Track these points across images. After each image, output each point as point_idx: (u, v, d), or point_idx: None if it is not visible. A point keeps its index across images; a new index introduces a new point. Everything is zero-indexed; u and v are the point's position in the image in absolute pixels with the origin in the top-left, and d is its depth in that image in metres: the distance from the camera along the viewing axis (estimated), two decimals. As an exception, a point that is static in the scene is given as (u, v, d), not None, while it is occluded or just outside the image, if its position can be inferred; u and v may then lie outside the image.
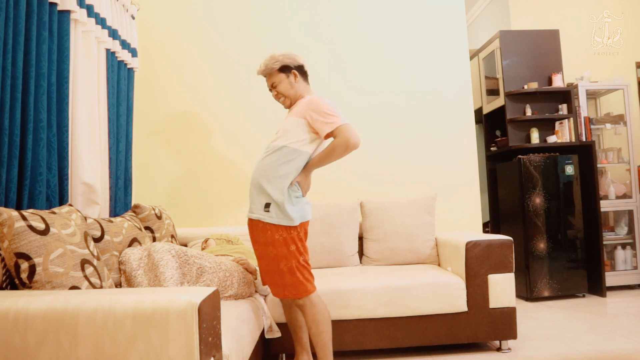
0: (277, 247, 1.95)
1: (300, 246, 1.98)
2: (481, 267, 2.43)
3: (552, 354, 2.40)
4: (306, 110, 2.01)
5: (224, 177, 3.35)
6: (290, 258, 1.95)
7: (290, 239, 1.96)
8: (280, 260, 1.96)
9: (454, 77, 3.52)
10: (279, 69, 2.12)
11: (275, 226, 1.95)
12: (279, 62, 2.12)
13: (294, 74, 2.12)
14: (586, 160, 3.84)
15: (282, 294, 2.02)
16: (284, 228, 1.95)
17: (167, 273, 1.89)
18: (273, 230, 1.95)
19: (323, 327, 1.99)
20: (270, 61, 2.13)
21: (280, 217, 1.95)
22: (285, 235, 1.95)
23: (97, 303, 1.19)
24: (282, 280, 1.97)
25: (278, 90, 2.15)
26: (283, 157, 1.99)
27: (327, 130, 1.96)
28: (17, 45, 1.77)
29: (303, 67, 2.16)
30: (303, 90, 2.15)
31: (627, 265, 3.96)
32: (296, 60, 2.14)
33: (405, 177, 3.43)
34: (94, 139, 2.31)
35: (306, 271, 1.99)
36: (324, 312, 2.01)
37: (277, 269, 1.97)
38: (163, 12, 3.40)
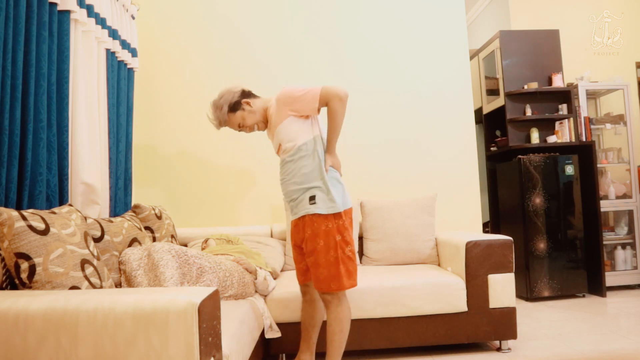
0: (326, 237, 1.93)
1: (346, 235, 1.96)
2: (481, 267, 2.43)
3: (552, 354, 2.40)
4: (282, 110, 1.99)
5: (224, 177, 3.35)
6: (337, 248, 1.93)
7: (337, 229, 1.94)
8: (328, 251, 1.93)
9: (454, 77, 3.52)
10: (230, 111, 2.09)
11: (321, 217, 1.93)
12: (225, 106, 2.08)
13: (245, 103, 2.09)
14: (586, 160, 3.84)
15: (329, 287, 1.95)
16: (330, 217, 1.94)
17: (167, 273, 1.89)
18: (319, 222, 1.94)
19: (343, 326, 1.98)
20: (217, 112, 2.10)
21: (327, 205, 1.94)
22: (332, 225, 1.93)
23: (97, 303, 1.19)
24: (328, 271, 1.93)
25: (247, 125, 2.12)
26: (299, 158, 1.98)
27: (315, 105, 1.94)
28: (17, 45, 1.77)
29: (244, 91, 2.12)
30: (262, 105, 2.12)
31: (627, 265, 3.96)
32: (235, 92, 2.10)
33: (405, 177, 3.43)
34: (94, 139, 2.31)
35: (351, 263, 1.98)
36: (348, 312, 2.00)
37: (325, 260, 1.93)
38: (163, 12, 3.40)
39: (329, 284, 1.95)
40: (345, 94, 1.93)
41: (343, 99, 1.93)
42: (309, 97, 1.93)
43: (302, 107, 1.96)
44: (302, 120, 1.99)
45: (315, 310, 2.17)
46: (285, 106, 1.98)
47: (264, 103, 2.13)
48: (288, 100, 1.97)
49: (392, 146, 3.44)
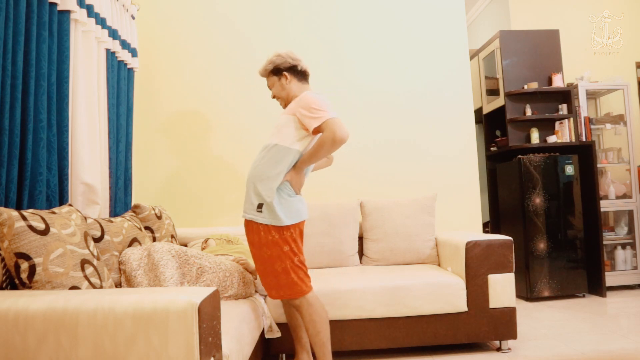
0: (271, 248, 1.95)
1: (294, 246, 1.97)
2: (481, 267, 2.43)
3: (552, 354, 2.40)
4: (296, 107, 2.01)
5: (224, 177, 3.35)
6: (285, 259, 1.95)
7: (283, 240, 1.95)
8: (274, 261, 1.95)
9: (454, 77, 3.52)
10: (271, 71, 2.16)
11: (268, 227, 1.95)
12: (271, 64, 2.15)
13: (284, 76, 2.13)
14: (586, 160, 3.84)
15: (277, 294, 2.01)
16: (277, 229, 1.95)
17: (167, 273, 1.89)
18: (266, 231, 1.95)
19: (320, 327, 1.98)
20: (266, 64, 2.18)
21: (272, 217, 1.94)
22: (278, 237, 1.94)
23: (97, 303, 1.19)
24: (277, 281, 1.97)
25: (272, 92, 2.20)
26: (274, 157, 1.99)
27: (314, 124, 1.94)
28: (17, 45, 1.77)
29: (296, 67, 2.14)
30: (297, 90, 2.14)
31: (627, 265, 3.96)
32: (289, 61, 2.13)
33: (405, 177, 3.43)
34: (94, 139, 2.31)
35: (301, 271, 1.99)
36: (321, 312, 2.00)
37: (272, 270, 1.96)
38: (163, 12, 3.40)
39: (280, 292, 1.98)
40: (341, 138, 1.92)
41: (336, 141, 1.92)
42: (317, 115, 1.94)
43: (305, 117, 1.97)
44: (301, 130, 2.01)
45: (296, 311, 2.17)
46: (298, 106, 2.00)
47: (298, 90, 2.15)
48: (303, 103, 1.99)
49: (392, 146, 3.44)
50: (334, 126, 1.92)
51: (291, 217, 1.98)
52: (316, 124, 1.94)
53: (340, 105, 3.18)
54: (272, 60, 2.16)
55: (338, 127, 1.92)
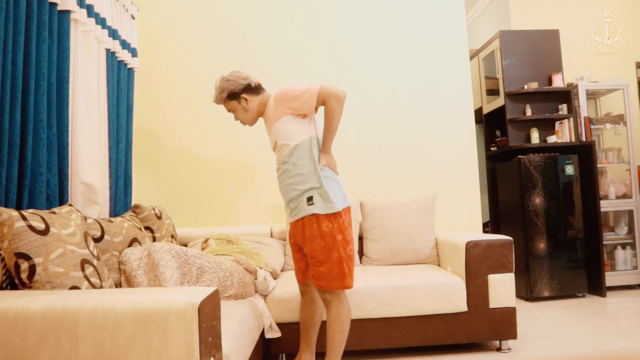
0: (325, 238, 1.93)
1: (346, 234, 1.97)
2: (481, 267, 2.43)
3: (552, 354, 2.40)
4: (279, 107, 1.98)
5: (224, 177, 3.35)
6: (338, 247, 1.94)
7: (337, 228, 1.94)
8: (330, 251, 1.94)
9: (453, 76, 3.52)
10: (227, 98, 2.10)
11: (320, 217, 1.93)
12: (225, 92, 2.09)
13: (243, 98, 2.08)
14: (586, 160, 3.84)
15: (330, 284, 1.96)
16: (328, 218, 1.94)
17: (167, 273, 1.88)
18: (319, 222, 1.94)
19: (343, 326, 1.99)
20: (217, 92, 2.11)
21: (325, 204, 1.94)
22: (332, 226, 1.94)
23: (97, 303, 1.19)
24: (330, 271, 1.94)
25: (236, 116, 2.15)
26: (299, 155, 1.97)
27: (312, 104, 1.93)
28: (17, 45, 1.77)
29: (250, 85, 2.09)
30: (260, 103, 2.11)
31: (627, 265, 3.95)
32: (241, 82, 2.07)
33: (405, 177, 3.43)
34: (94, 139, 2.31)
35: (351, 262, 1.99)
36: (348, 312, 2.01)
37: (327, 260, 1.94)
38: (163, 12, 3.40)
39: (331, 282, 1.96)
40: (343, 94, 1.93)
41: (341, 98, 1.92)
42: (307, 95, 1.93)
43: (299, 106, 1.95)
44: (299, 119, 1.99)
45: (315, 310, 2.17)
46: (283, 104, 1.97)
47: (261, 100, 2.11)
48: (286, 98, 1.96)
49: (392, 146, 3.44)
50: (329, 90, 1.91)
51: (343, 200, 1.99)
52: (314, 101, 1.93)
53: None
54: (222, 87, 2.09)
55: (332, 88, 1.91)
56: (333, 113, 1.94)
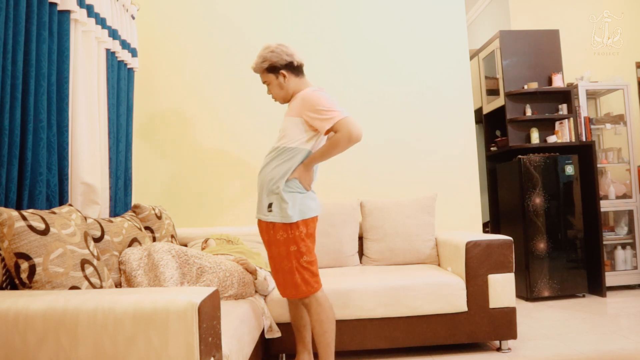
0: (279, 247, 1.96)
1: (301, 246, 1.95)
2: (481, 267, 2.43)
3: (552, 354, 2.40)
4: (301, 109, 1.97)
5: (224, 177, 3.35)
6: (291, 258, 1.95)
7: (291, 239, 1.94)
8: (282, 260, 1.96)
9: (453, 77, 3.52)
10: (267, 69, 2.08)
11: (276, 226, 1.95)
12: (266, 62, 2.06)
13: (282, 74, 2.05)
14: (586, 160, 3.84)
15: (285, 293, 2.04)
16: (284, 227, 1.95)
17: (167, 273, 1.89)
18: (275, 230, 1.96)
19: (327, 326, 1.98)
20: (259, 60, 2.09)
21: (281, 214, 1.95)
22: (286, 236, 1.94)
23: (97, 303, 1.19)
24: (284, 279, 1.99)
25: (269, 90, 2.14)
26: (283, 158, 1.99)
27: (327, 126, 1.92)
28: (17, 45, 1.77)
29: (293, 63, 2.06)
30: (295, 87, 2.08)
31: (627, 265, 3.95)
32: (284, 58, 2.04)
33: (405, 177, 3.43)
34: (94, 139, 2.31)
35: (307, 272, 1.97)
36: (329, 312, 2.01)
37: (280, 268, 1.98)
38: (163, 12, 3.40)
39: (285, 290, 2.01)
40: (357, 137, 1.90)
41: (352, 138, 1.90)
42: (327, 117, 1.91)
43: (315, 120, 1.94)
44: (309, 131, 1.98)
45: (302, 311, 2.18)
46: (305, 109, 1.96)
47: (297, 86, 2.08)
48: (309, 106, 1.95)
49: (392, 146, 3.44)
50: (349, 126, 1.89)
51: (300, 213, 1.96)
52: (328, 125, 1.91)
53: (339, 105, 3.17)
54: (265, 56, 2.06)
55: (353, 126, 1.89)
56: (337, 145, 1.93)
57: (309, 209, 2.00)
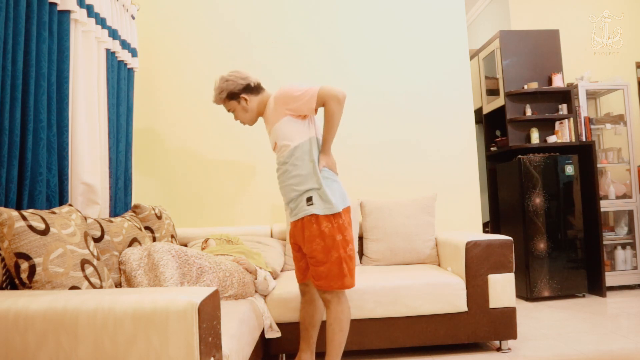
0: (325, 238, 1.94)
1: (346, 234, 1.97)
2: (481, 267, 2.43)
3: (552, 354, 2.40)
4: (280, 109, 1.98)
5: (224, 177, 3.35)
6: (338, 248, 1.94)
7: (336, 229, 1.94)
8: (329, 251, 1.94)
9: (454, 77, 3.52)
10: (227, 98, 2.11)
11: (319, 218, 1.94)
12: (224, 92, 2.09)
13: (243, 99, 2.09)
14: (586, 160, 3.84)
15: (329, 285, 1.96)
16: (328, 218, 1.94)
17: (167, 273, 1.88)
18: (318, 222, 1.94)
19: (343, 326, 1.99)
20: (216, 92, 2.12)
21: (325, 205, 1.94)
22: (331, 226, 1.94)
23: (97, 303, 1.19)
24: (329, 271, 1.95)
25: (236, 116, 2.15)
26: (299, 156, 1.98)
27: (312, 105, 1.93)
28: (17, 45, 1.77)
29: (250, 85, 2.09)
30: (259, 104, 2.11)
31: (627, 265, 3.95)
32: (240, 82, 2.08)
33: (405, 177, 3.43)
34: (94, 139, 2.31)
35: (352, 262, 1.99)
36: (348, 312, 2.01)
37: (327, 260, 1.94)
38: (163, 12, 3.40)
39: (330, 282, 1.96)
40: (343, 95, 1.93)
41: (341, 99, 1.92)
42: (307, 97, 1.93)
43: (299, 107, 1.95)
44: (299, 120, 1.99)
45: (315, 310, 2.17)
46: (283, 105, 1.97)
47: (261, 100, 2.11)
48: (286, 99, 1.96)
49: (392, 146, 3.44)
50: (330, 91, 1.91)
51: (343, 201, 1.99)
52: (313, 102, 1.93)
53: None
54: (222, 87, 2.09)
55: (333, 89, 1.92)
56: (333, 114, 1.94)
57: (345, 196, 2.03)
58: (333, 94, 1.91)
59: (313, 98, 1.92)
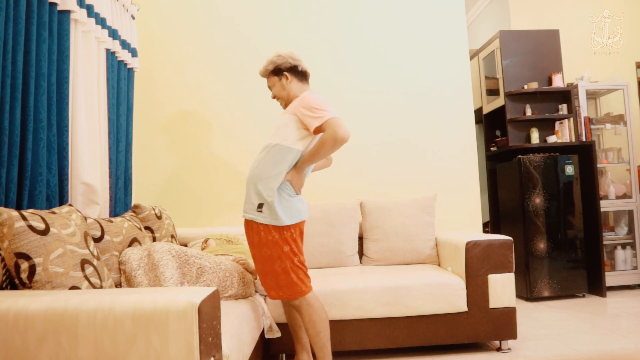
0: (271, 248, 1.95)
1: (294, 247, 1.97)
2: (481, 267, 2.43)
3: (552, 354, 2.40)
4: (297, 107, 2.02)
5: (224, 177, 3.35)
6: (285, 259, 1.95)
7: (283, 240, 1.95)
8: (274, 262, 1.95)
9: (454, 77, 3.52)
10: (272, 72, 2.16)
11: (268, 227, 1.95)
12: (272, 64, 2.16)
13: (285, 76, 2.13)
14: (586, 160, 3.84)
15: (277, 295, 2.01)
16: (277, 229, 1.95)
17: (167, 273, 1.89)
18: (266, 231, 1.95)
19: (320, 327, 1.98)
20: (266, 63, 2.18)
21: (272, 217, 1.95)
22: (278, 236, 1.95)
23: (97, 303, 1.19)
24: (276, 281, 1.97)
25: (272, 92, 2.20)
26: (275, 156, 1.99)
27: (315, 124, 1.94)
28: (17, 45, 1.77)
29: (297, 67, 2.14)
30: (297, 90, 2.15)
31: (627, 265, 3.95)
32: (289, 61, 2.14)
33: (405, 177, 3.43)
34: (94, 139, 2.31)
35: (301, 272, 1.98)
36: (321, 312, 2.00)
37: (272, 270, 1.96)
38: (163, 12, 3.40)
39: (280, 292, 1.98)
40: (342, 138, 1.91)
41: (338, 140, 1.91)
42: (318, 115, 1.94)
43: (306, 117, 1.97)
44: (302, 129, 2.01)
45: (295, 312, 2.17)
46: (299, 105, 2.01)
47: (299, 90, 2.15)
48: (304, 103, 2.00)
49: (392, 146, 3.44)
50: (335, 126, 1.91)
51: (291, 217, 1.98)
52: (317, 123, 1.94)
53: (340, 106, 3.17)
54: (273, 60, 2.16)
55: (339, 127, 1.91)
56: (323, 145, 1.94)
57: (299, 212, 2.02)
58: (335, 129, 1.91)
59: (320, 120, 1.94)
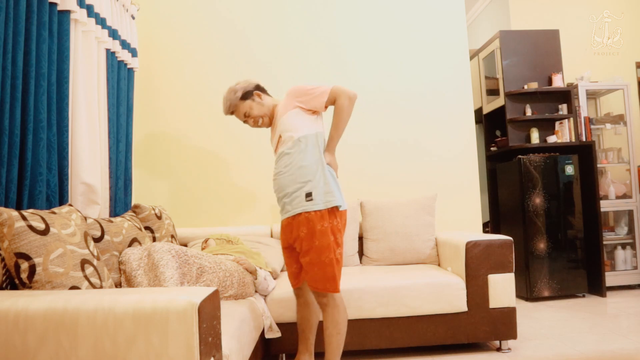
0: (322, 238, 1.92)
1: (338, 237, 1.97)
2: (481, 267, 2.43)
3: (552, 354, 2.40)
4: (291, 101, 2.01)
5: (224, 177, 3.35)
6: (331, 249, 1.93)
7: (331, 229, 1.94)
8: (323, 251, 1.92)
9: (454, 77, 3.52)
10: (241, 98, 2.11)
11: (317, 216, 1.92)
12: (239, 91, 2.11)
13: (256, 94, 2.12)
14: (586, 160, 3.84)
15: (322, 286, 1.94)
16: (325, 217, 1.92)
17: (167, 273, 1.88)
18: (315, 221, 1.92)
19: (340, 328, 1.98)
20: (230, 95, 2.12)
21: (324, 198, 1.93)
22: (327, 225, 1.93)
23: (97, 303, 1.19)
24: (323, 272, 1.93)
25: (253, 116, 2.13)
26: (306, 147, 1.97)
27: (323, 99, 1.98)
28: (17, 45, 1.77)
29: (259, 85, 2.16)
30: (272, 101, 2.16)
31: (627, 265, 3.95)
32: (251, 82, 2.15)
33: (405, 177, 3.43)
34: (94, 139, 2.31)
35: (339, 266, 1.98)
36: (344, 314, 2.00)
37: (320, 261, 1.92)
38: (163, 12, 3.40)
39: (326, 284, 1.95)
40: (354, 95, 1.99)
41: (352, 98, 1.98)
42: (319, 91, 1.98)
43: (309, 100, 1.99)
44: (307, 114, 2.01)
45: (310, 313, 2.17)
46: (294, 98, 2.01)
47: (273, 101, 2.17)
48: (297, 93, 2.01)
49: (392, 146, 3.44)
50: (340, 90, 1.98)
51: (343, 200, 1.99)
52: (324, 97, 1.98)
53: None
54: (235, 89, 2.12)
55: (343, 89, 1.98)
56: (342, 109, 1.98)
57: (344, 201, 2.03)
58: (345, 91, 1.98)
59: (325, 93, 1.97)
